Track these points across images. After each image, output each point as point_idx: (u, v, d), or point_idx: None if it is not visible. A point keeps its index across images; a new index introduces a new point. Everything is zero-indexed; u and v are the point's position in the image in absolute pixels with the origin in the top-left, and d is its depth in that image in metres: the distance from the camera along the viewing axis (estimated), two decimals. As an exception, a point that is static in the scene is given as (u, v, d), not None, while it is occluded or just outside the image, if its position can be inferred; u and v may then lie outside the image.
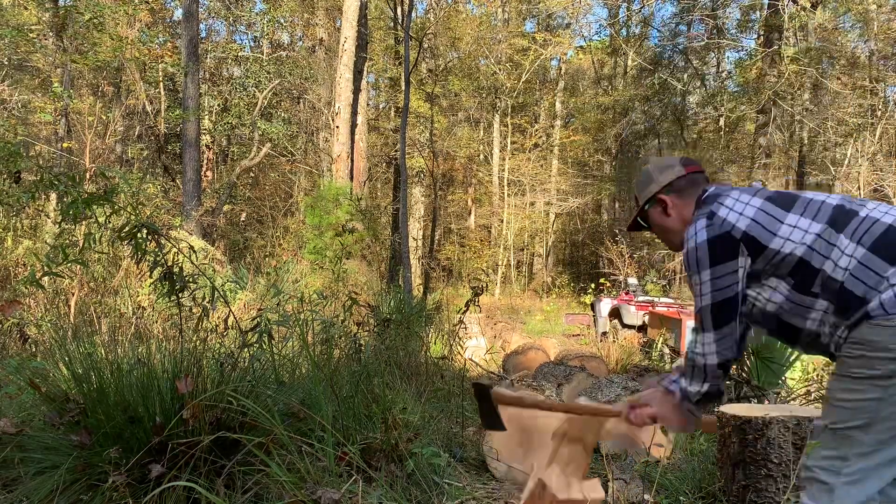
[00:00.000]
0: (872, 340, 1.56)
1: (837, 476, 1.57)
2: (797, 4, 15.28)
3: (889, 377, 1.54)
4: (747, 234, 1.71)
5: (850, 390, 1.60)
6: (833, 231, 1.65)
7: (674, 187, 1.96)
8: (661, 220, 2.01)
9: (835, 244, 1.64)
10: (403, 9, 15.73)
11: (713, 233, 1.74)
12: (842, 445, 1.59)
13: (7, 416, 2.50)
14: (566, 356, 6.15)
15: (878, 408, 1.55)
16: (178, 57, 13.00)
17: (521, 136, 24.58)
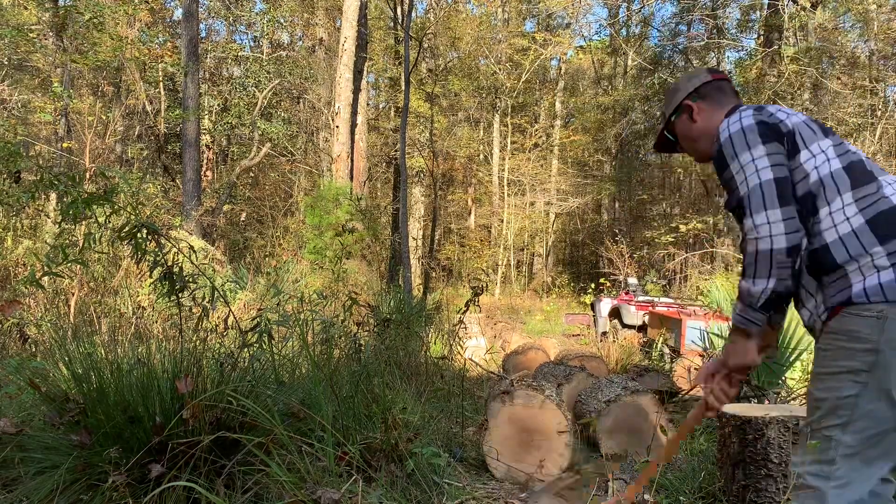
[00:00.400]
0: (851, 330, 1.52)
1: (827, 481, 1.52)
2: (797, 4, 15.28)
3: (866, 371, 1.49)
4: (793, 132, 1.63)
5: (828, 388, 1.56)
6: (847, 181, 1.58)
7: (700, 93, 1.90)
8: (687, 128, 1.93)
9: (841, 195, 1.57)
10: (403, 9, 15.72)
11: (760, 118, 1.64)
12: (826, 448, 1.54)
13: (7, 416, 2.49)
14: (566, 356, 6.14)
15: (856, 404, 1.50)
16: (178, 57, 13.00)
17: (521, 136, 24.58)
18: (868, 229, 1.53)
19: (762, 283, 1.58)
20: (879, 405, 1.48)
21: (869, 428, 1.50)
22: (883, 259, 1.50)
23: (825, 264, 1.57)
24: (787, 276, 1.58)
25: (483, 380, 5.99)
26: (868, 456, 1.50)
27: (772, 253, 1.56)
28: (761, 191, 1.58)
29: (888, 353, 1.47)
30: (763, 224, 1.56)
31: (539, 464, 3.04)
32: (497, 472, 3.04)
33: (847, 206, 1.56)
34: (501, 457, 3.04)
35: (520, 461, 3.06)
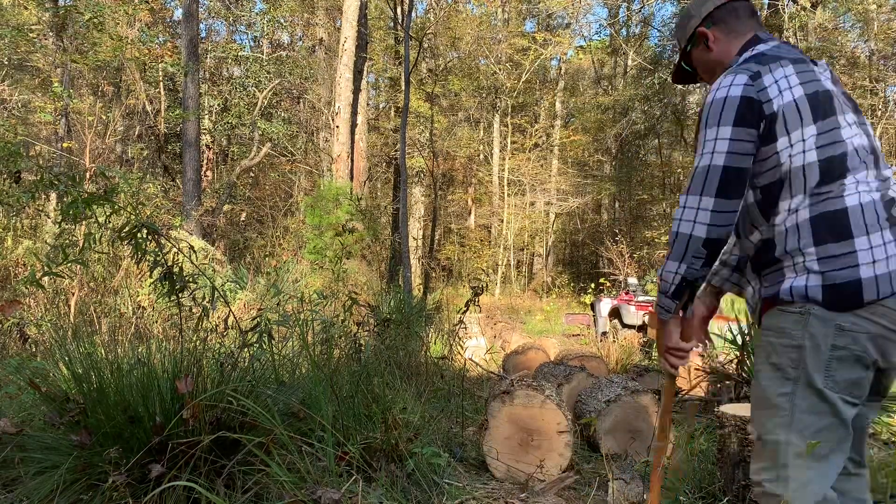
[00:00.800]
0: (779, 327, 1.52)
1: (785, 485, 1.50)
2: (797, 4, 15.28)
3: (793, 367, 1.49)
4: (775, 116, 1.52)
5: (764, 388, 1.55)
6: (817, 176, 1.51)
7: (714, 18, 1.75)
8: (705, 57, 1.79)
9: (805, 190, 1.52)
10: (403, 9, 15.72)
11: (748, 93, 1.52)
12: (775, 452, 1.52)
13: (7, 416, 2.50)
14: (566, 356, 6.14)
15: (792, 402, 1.50)
16: (178, 57, 13.00)
17: (521, 136, 24.59)
18: (809, 227, 1.49)
19: (674, 265, 1.57)
20: (812, 400, 1.48)
21: (811, 425, 1.48)
22: (813, 263, 1.48)
23: (765, 256, 1.57)
24: (699, 266, 1.55)
25: (483, 380, 5.99)
26: (818, 453, 1.48)
27: (690, 239, 1.53)
28: (706, 174, 1.53)
29: (810, 348, 1.47)
30: (692, 207, 1.53)
31: (539, 464, 3.04)
32: (497, 472, 3.04)
33: (799, 204, 1.52)
34: (501, 457, 3.05)
35: (520, 461, 3.06)
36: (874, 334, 1.45)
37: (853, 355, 1.46)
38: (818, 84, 1.56)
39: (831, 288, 1.45)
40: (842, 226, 1.47)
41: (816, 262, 1.47)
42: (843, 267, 1.45)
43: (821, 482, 1.50)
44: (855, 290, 1.43)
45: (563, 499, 2.82)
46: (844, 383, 1.47)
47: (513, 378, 3.61)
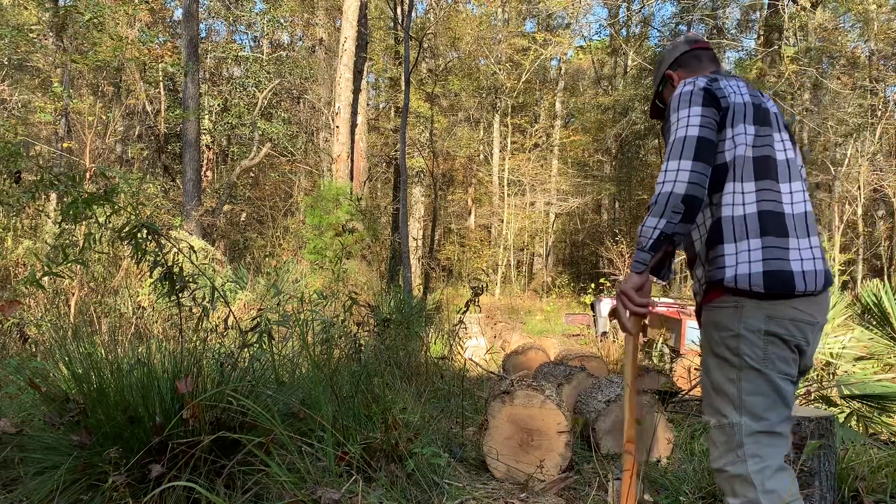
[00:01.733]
0: (717, 321, 1.72)
1: (745, 464, 1.65)
2: (797, 4, 15.28)
3: (736, 355, 1.68)
4: (728, 109, 1.76)
5: (714, 378, 1.74)
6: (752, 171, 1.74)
7: (680, 62, 2.03)
8: (671, 96, 1.98)
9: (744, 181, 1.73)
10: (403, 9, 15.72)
11: (708, 87, 1.77)
12: (731, 434, 1.68)
13: (7, 416, 2.50)
14: (566, 356, 6.14)
15: (740, 386, 1.68)
16: (178, 57, 13.00)
17: (521, 136, 24.58)
18: (756, 220, 1.69)
19: (653, 220, 1.71)
20: (757, 382, 1.67)
21: (758, 404, 1.67)
22: (757, 252, 1.67)
23: (714, 238, 1.74)
24: (676, 221, 1.69)
25: (483, 380, 5.99)
26: (769, 430, 1.67)
27: (670, 196, 1.68)
28: (683, 143, 1.70)
29: (747, 335, 1.67)
30: (672, 170, 1.69)
31: (539, 464, 3.04)
32: (497, 473, 3.04)
33: (747, 193, 1.72)
34: (501, 457, 3.05)
35: (520, 461, 3.06)
36: (797, 320, 1.67)
37: (782, 339, 1.67)
38: (760, 100, 1.84)
39: (772, 275, 1.65)
40: (782, 225, 1.70)
41: (760, 251, 1.67)
42: (780, 258, 1.67)
43: (776, 456, 1.67)
44: (788, 280, 1.66)
45: (563, 499, 2.82)
46: (779, 364, 1.67)
47: (513, 378, 3.61)
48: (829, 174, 17.48)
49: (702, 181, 1.68)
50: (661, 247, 1.72)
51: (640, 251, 1.75)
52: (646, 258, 1.75)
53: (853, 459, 2.97)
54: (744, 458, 1.66)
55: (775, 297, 1.66)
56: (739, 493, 1.66)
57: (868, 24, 16.66)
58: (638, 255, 1.77)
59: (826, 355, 4.98)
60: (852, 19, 17.49)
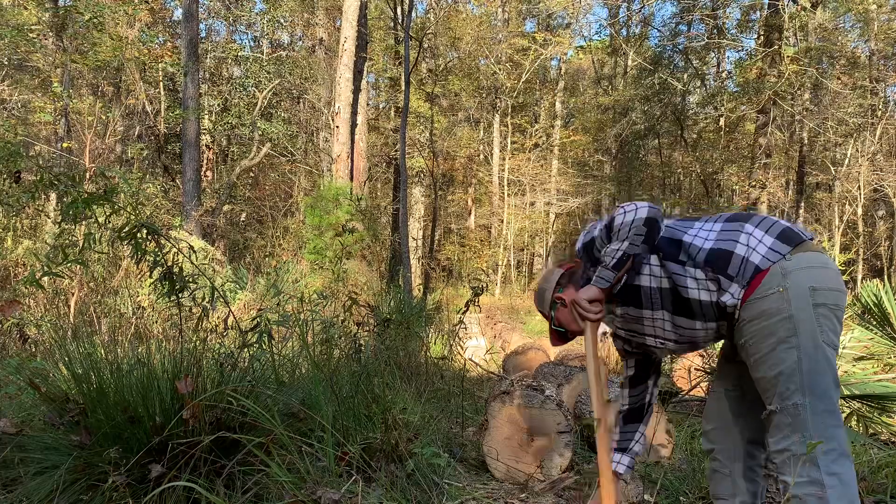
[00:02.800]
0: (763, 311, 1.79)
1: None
2: (797, 4, 15.28)
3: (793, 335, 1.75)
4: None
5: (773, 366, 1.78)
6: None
7: (561, 283, 2.16)
8: (565, 313, 2.11)
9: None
10: (403, 9, 15.72)
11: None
12: (796, 415, 1.72)
13: (7, 416, 2.50)
14: (566, 356, 6.14)
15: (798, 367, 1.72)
16: (178, 57, 13.00)
17: (521, 136, 24.57)
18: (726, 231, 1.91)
19: (617, 244, 1.89)
20: (817, 356, 1.71)
21: (822, 380, 1.70)
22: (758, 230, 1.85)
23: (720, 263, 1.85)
24: (638, 243, 1.87)
25: (483, 380, 5.99)
26: (834, 409, 1.71)
27: (632, 221, 1.87)
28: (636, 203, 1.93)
29: (799, 312, 1.72)
30: (630, 203, 1.93)
31: (539, 464, 3.04)
32: (497, 473, 3.04)
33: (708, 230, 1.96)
34: (501, 457, 3.04)
35: (520, 461, 3.06)
36: (835, 289, 1.77)
37: (828, 308, 1.74)
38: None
39: (781, 234, 1.82)
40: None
41: (757, 228, 1.86)
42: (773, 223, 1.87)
43: (841, 438, 1.69)
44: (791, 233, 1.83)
45: (563, 499, 2.82)
46: (831, 335, 1.74)
47: (513, 378, 3.61)
48: (829, 174, 17.48)
49: (657, 207, 1.92)
50: (625, 265, 1.90)
51: (605, 269, 1.91)
52: (610, 276, 1.91)
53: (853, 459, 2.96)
54: (811, 438, 1.67)
55: (800, 246, 1.78)
56: (801, 473, 1.67)
57: (868, 24, 16.66)
58: (603, 272, 1.92)
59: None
60: (852, 19, 17.49)
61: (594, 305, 1.93)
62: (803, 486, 1.68)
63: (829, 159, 18.02)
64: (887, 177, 16.55)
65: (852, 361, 5.05)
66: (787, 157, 20.06)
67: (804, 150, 18.11)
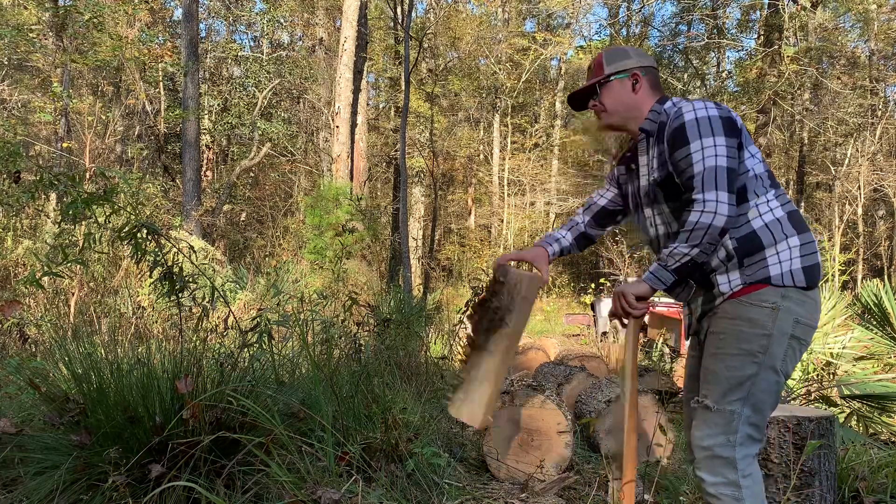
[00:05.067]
0: (751, 318, 1.79)
1: (733, 449, 1.78)
2: (797, 4, 15.28)
3: (762, 353, 1.78)
4: (741, 131, 1.83)
5: (730, 367, 1.81)
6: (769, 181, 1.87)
7: (648, 72, 2.00)
8: (625, 93, 1.98)
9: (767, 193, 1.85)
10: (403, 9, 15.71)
11: (725, 113, 1.81)
12: (730, 421, 1.79)
13: (7, 416, 2.49)
14: (566, 356, 6.14)
15: (754, 381, 1.78)
16: (178, 57, 12.99)
17: (521, 136, 24.57)
18: (789, 220, 1.81)
19: (687, 248, 1.76)
20: (770, 379, 1.79)
21: (765, 400, 1.80)
22: (796, 249, 1.79)
23: (750, 247, 1.81)
24: (709, 251, 1.78)
25: (483, 380, 5.97)
26: (760, 423, 1.82)
27: (710, 227, 1.73)
28: (716, 172, 1.74)
29: (778, 336, 1.77)
30: (712, 201, 1.73)
31: (539, 464, 3.04)
32: (497, 472, 3.04)
33: (771, 201, 1.84)
34: (501, 457, 3.05)
35: (520, 461, 3.06)
36: (812, 326, 1.83)
37: (801, 343, 1.81)
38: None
39: (811, 268, 1.80)
40: (804, 223, 1.85)
41: (799, 247, 1.80)
42: (814, 251, 1.82)
43: (756, 447, 1.82)
44: (818, 272, 1.82)
45: (563, 499, 2.82)
46: (790, 366, 1.82)
47: (513, 378, 3.61)
48: (829, 174, 17.48)
49: (735, 212, 1.75)
50: (686, 273, 1.81)
51: (665, 270, 1.80)
52: (669, 279, 1.81)
53: (853, 459, 2.96)
54: (734, 443, 1.77)
55: (812, 288, 1.80)
56: (720, 473, 1.78)
57: (868, 24, 16.66)
58: (661, 273, 1.81)
59: (826, 355, 4.98)
60: (852, 19, 17.49)
61: (640, 303, 1.86)
62: (720, 486, 1.78)
63: (829, 159, 18.01)
64: (887, 177, 16.54)
65: (852, 361, 5.05)
66: (787, 156, 20.06)
67: (804, 150, 18.11)
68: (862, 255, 17.43)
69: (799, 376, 4.75)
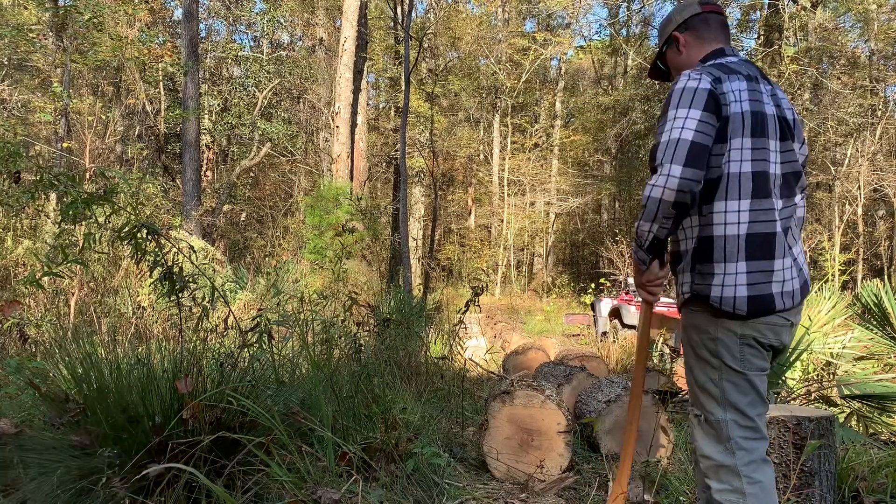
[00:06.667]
0: (696, 324, 1.80)
1: (733, 456, 1.75)
2: (797, 4, 15.28)
3: (715, 357, 1.77)
4: (727, 120, 1.72)
5: (697, 375, 1.83)
6: (750, 187, 1.73)
7: (688, 25, 1.96)
8: (675, 59, 2.00)
9: (741, 199, 1.73)
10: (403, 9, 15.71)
11: (713, 90, 1.72)
12: (720, 430, 1.77)
13: (7, 416, 2.49)
14: (566, 356, 6.14)
15: (721, 385, 1.76)
16: (178, 57, 13.00)
17: (521, 136, 24.58)
18: (745, 242, 1.72)
19: (646, 225, 1.74)
20: (737, 379, 1.76)
21: (740, 401, 1.76)
22: (742, 276, 1.72)
23: (703, 254, 1.77)
24: (668, 225, 1.73)
25: (483, 380, 5.99)
26: (752, 424, 1.76)
27: (660, 202, 1.67)
28: (675, 144, 1.67)
29: (725, 338, 1.75)
30: (663, 175, 1.66)
31: (539, 464, 3.04)
32: (497, 472, 3.04)
33: (742, 212, 1.72)
34: (501, 457, 3.04)
35: (520, 461, 3.06)
36: (771, 324, 1.76)
37: (757, 341, 1.75)
38: (760, 105, 1.78)
39: (755, 299, 1.71)
40: (770, 247, 1.73)
41: (746, 275, 1.72)
42: (764, 282, 1.72)
43: (759, 447, 1.77)
44: (769, 302, 1.72)
45: (563, 499, 2.82)
46: (755, 361, 1.76)
47: (513, 378, 3.61)
48: (829, 174, 17.48)
49: (692, 188, 1.66)
50: (657, 247, 1.81)
51: (640, 250, 1.83)
52: (645, 258, 1.84)
53: (853, 459, 2.96)
54: (732, 450, 1.75)
55: (756, 317, 1.74)
56: (725, 481, 1.75)
57: (868, 24, 16.66)
58: (638, 254, 1.84)
59: (826, 355, 4.98)
60: (852, 19, 17.50)
61: (651, 284, 1.91)
62: (724, 493, 1.76)
63: (829, 159, 18.01)
64: (887, 177, 16.54)
65: (852, 361, 5.05)
66: (787, 157, 20.00)
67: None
68: (862, 255, 17.43)
69: (799, 376, 4.75)
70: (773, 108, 1.81)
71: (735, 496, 1.74)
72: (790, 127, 1.84)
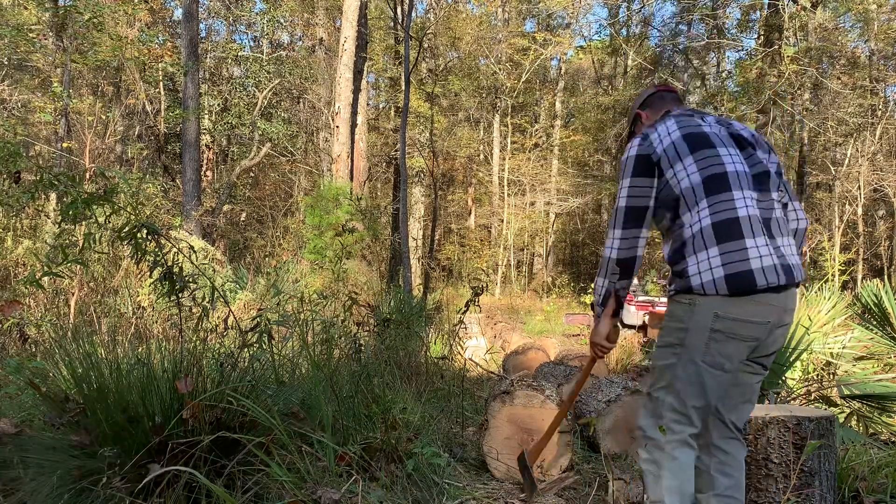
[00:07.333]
0: (672, 312, 1.99)
1: (657, 431, 1.99)
2: (797, 4, 15.28)
3: (679, 345, 1.95)
4: (660, 159, 2.00)
5: (657, 357, 2.04)
6: (703, 191, 1.94)
7: (647, 103, 2.33)
8: (640, 130, 2.24)
9: (698, 203, 1.94)
10: (403, 9, 15.71)
11: (641, 151, 2.04)
12: (657, 406, 2.01)
13: (7, 416, 2.49)
14: (566, 356, 6.14)
15: (674, 372, 1.95)
16: (178, 57, 13.00)
17: (521, 136, 24.57)
18: (711, 230, 1.89)
19: (600, 280, 2.12)
20: (690, 370, 1.93)
21: (686, 390, 1.94)
22: (716, 259, 1.87)
23: (678, 256, 1.97)
24: (616, 280, 2.08)
25: (483, 380, 5.99)
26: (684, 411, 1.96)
27: (608, 261, 2.07)
28: (616, 213, 2.06)
29: (694, 329, 1.91)
30: (608, 238, 2.06)
31: (539, 464, 3.04)
32: (497, 472, 3.04)
33: (701, 210, 1.93)
34: (501, 457, 3.04)
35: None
36: (743, 319, 1.87)
37: (725, 335, 1.88)
38: (695, 128, 2.04)
39: (733, 277, 1.84)
40: (737, 229, 1.88)
41: (719, 257, 1.87)
42: (739, 259, 1.86)
43: (684, 432, 1.96)
44: (749, 278, 1.84)
45: (563, 499, 2.82)
46: (717, 358, 1.90)
47: (513, 378, 3.61)
48: (829, 174, 17.47)
49: (630, 245, 2.03)
50: (609, 300, 2.12)
51: (598, 302, 2.15)
52: (599, 311, 2.16)
53: (853, 459, 2.96)
54: (661, 427, 2.00)
55: (741, 295, 1.86)
56: (649, 451, 2.02)
57: (868, 24, 16.66)
58: (596, 306, 2.16)
59: (826, 355, 4.98)
60: (852, 19, 17.49)
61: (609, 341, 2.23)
62: (646, 462, 2.02)
63: (829, 159, 18.01)
64: (887, 177, 16.54)
65: (852, 361, 5.04)
66: (787, 157, 20.04)
67: (804, 150, 18.10)
68: (862, 255, 17.43)
69: (799, 376, 4.74)
70: (717, 128, 2.06)
71: (654, 467, 1.99)
72: (747, 141, 2.06)
